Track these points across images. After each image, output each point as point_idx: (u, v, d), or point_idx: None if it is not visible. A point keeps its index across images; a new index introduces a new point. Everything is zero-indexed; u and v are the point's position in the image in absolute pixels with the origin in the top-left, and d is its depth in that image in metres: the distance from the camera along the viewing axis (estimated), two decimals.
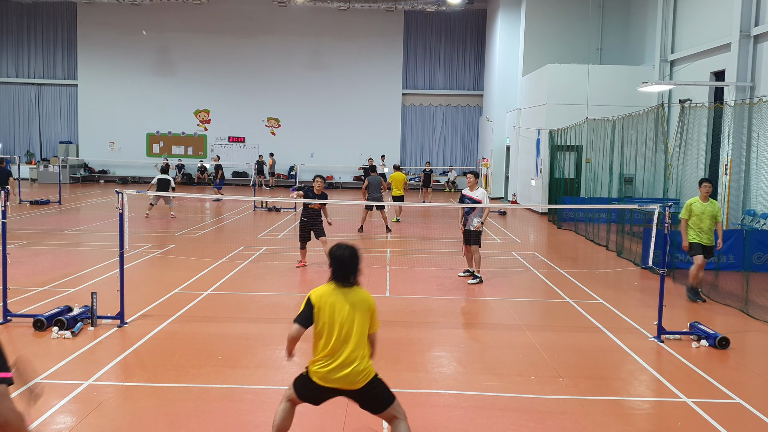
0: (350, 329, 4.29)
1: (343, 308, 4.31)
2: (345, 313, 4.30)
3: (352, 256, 4.40)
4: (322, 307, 4.33)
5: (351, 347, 4.28)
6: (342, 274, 4.38)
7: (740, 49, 16.11)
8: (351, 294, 4.36)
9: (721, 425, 5.37)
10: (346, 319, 4.29)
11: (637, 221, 14.49)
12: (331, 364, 4.27)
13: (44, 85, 34.03)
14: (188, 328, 7.86)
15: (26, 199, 21.78)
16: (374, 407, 4.40)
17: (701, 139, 14.78)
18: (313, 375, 4.35)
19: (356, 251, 4.46)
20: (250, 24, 33.08)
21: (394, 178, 18.18)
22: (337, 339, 4.28)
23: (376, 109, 33.71)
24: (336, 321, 4.29)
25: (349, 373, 4.26)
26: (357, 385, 4.30)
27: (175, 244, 14.03)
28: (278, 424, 4.52)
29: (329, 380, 4.30)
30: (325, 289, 4.40)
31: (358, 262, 4.43)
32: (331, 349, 4.28)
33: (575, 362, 6.96)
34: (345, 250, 4.41)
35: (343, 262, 4.37)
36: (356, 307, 4.32)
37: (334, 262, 4.40)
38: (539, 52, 25.11)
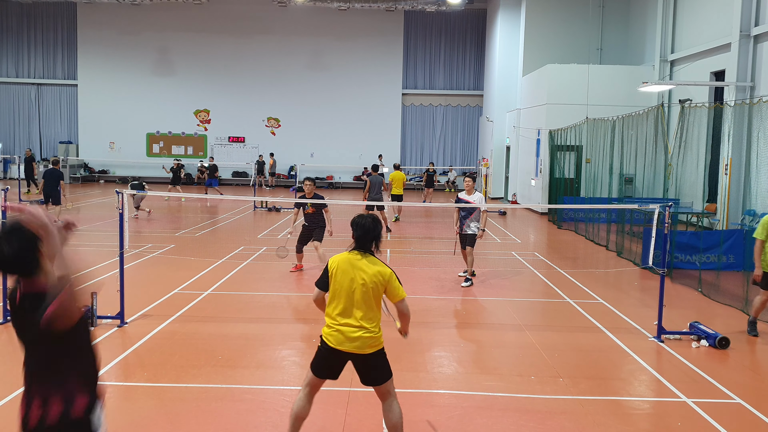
0: (360, 297, 4.40)
1: (356, 274, 4.42)
2: (357, 279, 4.42)
3: (375, 223, 4.55)
4: (337, 271, 4.47)
5: (361, 313, 4.40)
6: (362, 241, 4.51)
7: (740, 49, 16.12)
8: (366, 262, 4.47)
9: (721, 425, 5.37)
10: (357, 285, 4.41)
11: (637, 221, 14.49)
12: (343, 326, 4.40)
13: (44, 85, 34.03)
14: (188, 328, 7.87)
15: (26, 200, 21.77)
16: (374, 379, 4.53)
17: (701, 139, 14.76)
18: (328, 338, 4.46)
19: (377, 219, 4.61)
20: (250, 24, 33.08)
21: (394, 177, 18.17)
22: (347, 302, 4.42)
23: (376, 109, 33.71)
24: (347, 285, 4.42)
25: (360, 337, 4.39)
26: (366, 350, 4.42)
27: (175, 244, 14.03)
28: (295, 411, 4.60)
29: (341, 341, 4.40)
30: (343, 256, 4.54)
31: (378, 232, 4.55)
32: (342, 310, 4.42)
33: (575, 362, 6.96)
34: (367, 218, 4.56)
35: (365, 228, 4.50)
36: (369, 276, 4.41)
37: (355, 228, 4.52)
38: (539, 52, 25.11)
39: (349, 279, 4.43)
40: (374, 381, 4.53)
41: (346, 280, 4.43)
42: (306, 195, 10.96)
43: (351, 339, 4.39)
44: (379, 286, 4.44)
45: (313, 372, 4.58)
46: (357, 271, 4.44)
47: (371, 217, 4.58)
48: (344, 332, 4.39)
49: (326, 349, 4.47)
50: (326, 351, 4.48)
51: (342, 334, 4.40)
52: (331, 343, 4.44)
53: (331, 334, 4.44)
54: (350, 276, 4.43)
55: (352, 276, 4.43)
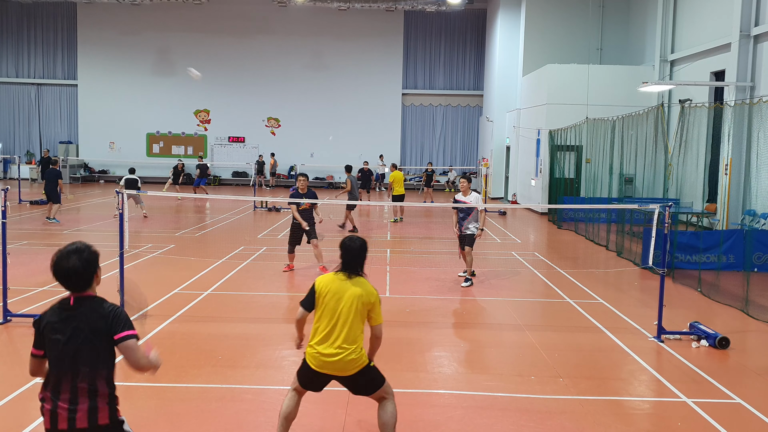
0: (346, 318, 4.41)
1: (342, 297, 4.44)
2: (343, 301, 4.43)
3: (361, 248, 4.57)
4: (324, 293, 4.49)
5: (344, 335, 4.40)
6: (349, 263, 4.54)
7: (740, 49, 16.12)
8: (354, 284, 4.48)
9: (721, 425, 5.37)
10: (343, 308, 4.42)
11: (637, 221, 14.49)
12: (324, 350, 4.41)
13: (44, 85, 34.03)
14: (188, 328, 7.87)
15: (26, 199, 21.78)
16: (365, 391, 4.59)
17: (701, 139, 14.77)
18: (309, 359, 4.49)
19: (365, 244, 4.63)
20: (250, 24, 33.08)
21: (395, 177, 18.16)
22: (332, 325, 4.42)
23: (376, 109, 33.71)
24: (333, 308, 4.43)
25: (340, 361, 4.39)
26: (348, 372, 4.45)
27: (175, 244, 14.03)
28: (284, 412, 4.63)
29: (322, 365, 4.43)
30: (331, 277, 4.56)
31: (365, 255, 4.59)
32: (325, 334, 4.43)
33: (575, 362, 6.96)
34: (355, 241, 4.59)
35: (352, 252, 4.54)
36: (355, 298, 4.43)
37: (343, 251, 4.56)
38: (539, 52, 25.10)
39: (337, 300, 4.44)
40: (364, 393, 4.60)
41: (333, 301, 4.44)
42: (300, 190, 11.10)
43: (332, 363, 4.41)
44: (365, 308, 4.47)
45: (297, 379, 4.63)
46: (346, 293, 4.44)
47: (359, 241, 4.60)
48: (325, 356, 4.40)
49: (309, 369, 4.50)
50: (309, 371, 4.51)
51: (323, 358, 4.41)
52: (313, 365, 4.46)
53: (314, 357, 4.45)
54: (338, 297, 4.44)
55: (341, 297, 4.44)
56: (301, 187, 11.12)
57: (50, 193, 16.76)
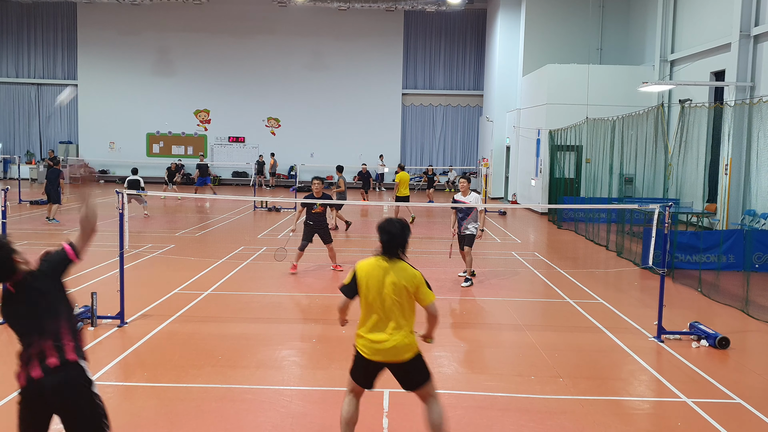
0: (393, 302, 4.30)
1: (386, 282, 4.31)
2: (387, 286, 4.30)
3: (402, 229, 4.41)
4: (367, 279, 4.35)
5: (395, 320, 4.31)
6: (390, 246, 4.37)
7: (740, 49, 16.12)
8: (396, 268, 4.35)
9: (721, 425, 5.36)
10: (388, 293, 4.30)
11: (637, 221, 14.49)
12: (375, 336, 4.31)
13: (44, 85, 34.03)
14: (188, 328, 7.87)
15: (26, 199, 21.78)
16: (412, 383, 4.46)
17: (701, 139, 14.76)
18: (361, 348, 4.38)
19: (407, 226, 4.48)
20: (250, 24, 33.08)
21: (401, 178, 18.16)
22: (379, 312, 4.31)
23: (376, 109, 33.71)
24: (378, 294, 4.31)
25: (394, 346, 4.29)
26: (402, 357, 4.34)
27: (175, 244, 14.03)
28: (345, 418, 4.53)
29: (375, 352, 4.32)
30: (371, 262, 4.41)
31: (407, 237, 4.43)
32: (374, 321, 4.32)
33: (575, 362, 6.96)
34: (395, 223, 4.43)
35: (393, 235, 4.37)
36: (400, 281, 4.31)
37: (383, 234, 4.39)
38: (539, 52, 25.10)
39: (380, 285, 4.32)
40: (414, 385, 4.47)
41: (377, 286, 4.32)
42: (315, 194, 11.16)
43: (385, 349, 4.30)
44: (410, 291, 4.34)
45: (351, 377, 4.54)
46: (387, 277, 4.32)
47: (399, 222, 4.45)
48: (378, 342, 4.31)
49: (361, 359, 4.41)
50: (361, 361, 4.41)
51: (375, 345, 4.31)
52: (365, 353, 4.36)
53: (366, 345, 4.36)
54: (380, 282, 4.32)
55: (383, 282, 4.32)
56: (315, 191, 11.19)
57: (51, 193, 16.80)
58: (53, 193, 16.77)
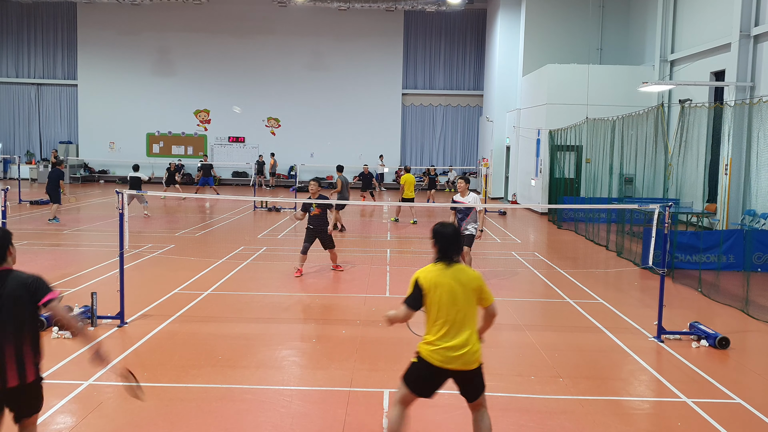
0: (463, 308, 4.23)
1: (454, 288, 4.23)
2: (454, 292, 4.22)
3: (456, 233, 4.35)
4: (433, 288, 4.25)
5: (467, 327, 4.23)
6: (447, 251, 4.31)
7: (740, 49, 16.12)
8: (457, 273, 4.28)
9: (721, 425, 5.37)
10: (457, 299, 4.22)
11: (637, 221, 14.49)
12: (448, 343, 4.19)
13: (44, 85, 34.02)
14: (188, 328, 7.87)
15: (26, 199, 21.78)
16: (474, 393, 4.36)
17: (701, 139, 14.77)
18: (431, 357, 4.24)
19: (458, 229, 4.44)
20: (250, 24, 33.07)
21: (407, 180, 18.16)
22: (451, 319, 4.21)
23: (376, 109, 33.71)
24: (448, 301, 4.21)
25: (467, 352, 4.20)
26: (473, 365, 4.25)
27: (175, 244, 14.03)
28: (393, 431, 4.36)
29: (449, 360, 4.19)
30: (432, 270, 4.31)
31: (460, 241, 4.39)
32: (447, 329, 4.20)
33: (575, 362, 6.96)
34: (448, 227, 4.36)
35: (448, 239, 4.31)
36: (465, 286, 4.25)
37: (439, 239, 4.33)
38: (539, 52, 25.10)
39: (451, 291, 4.22)
40: (475, 395, 4.37)
41: (448, 293, 4.22)
42: (311, 196, 10.99)
43: (459, 356, 4.19)
44: (476, 293, 4.28)
45: (410, 389, 4.34)
46: (455, 282, 4.24)
47: (452, 227, 4.38)
48: (450, 350, 4.18)
49: (428, 367, 4.24)
50: (428, 370, 4.25)
51: (448, 352, 4.19)
52: (435, 362, 4.21)
53: (437, 353, 4.21)
54: (451, 288, 4.22)
55: (452, 288, 4.23)
56: (312, 192, 10.98)
57: (51, 193, 16.90)
58: (53, 194, 16.84)
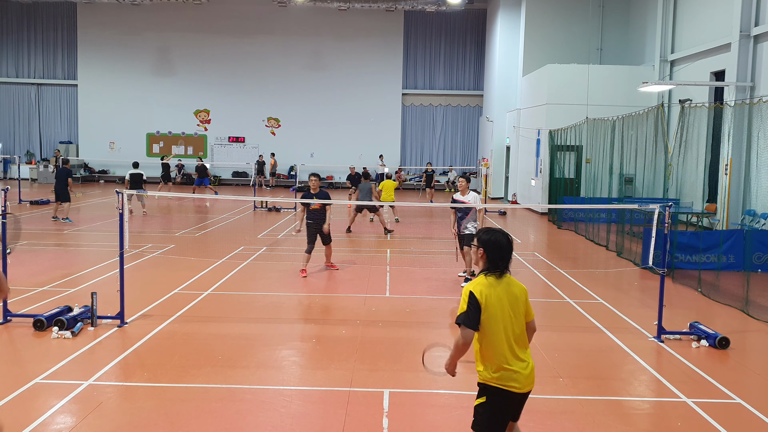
0: (516, 323, 3.94)
1: (507, 301, 3.92)
2: (510, 306, 3.92)
3: (509, 242, 4.02)
4: (488, 301, 3.88)
5: (524, 343, 3.97)
6: (500, 261, 3.96)
7: (740, 49, 16.12)
8: (510, 284, 3.98)
9: (721, 425, 5.37)
10: (513, 314, 3.92)
11: (637, 221, 14.49)
12: (518, 365, 3.89)
13: (44, 85, 34.02)
14: (188, 328, 7.86)
15: (26, 199, 21.77)
16: (519, 412, 4.07)
17: (701, 139, 14.78)
18: (508, 383, 3.86)
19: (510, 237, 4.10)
20: (250, 24, 33.08)
21: (385, 186, 18.14)
22: (514, 335, 3.91)
23: (376, 109, 33.71)
24: (504, 317, 3.89)
25: (532, 371, 3.95)
26: (533, 384, 3.99)
27: (175, 244, 14.03)
28: None
29: (525, 382, 3.90)
30: (487, 283, 3.93)
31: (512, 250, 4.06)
32: (510, 348, 3.89)
33: (575, 362, 6.96)
34: (501, 235, 4.01)
35: (503, 248, 3.96)
36: (517, 297, 3.97)
37: (492, 248, 3.96)
38: (539, 52, 25.10)
39: (509, 307, 3.91)
40: (516, 416, 4.07)
41: (500, 309, 3.88)
42: (312, 190, 11.04)
43: (527, 375, 3.90)
44: (526, 304, 4.01)
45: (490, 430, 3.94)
46: (510, 297, 3.93)
47: (503, 234, 4.02)
48: (522, 370, 3.88)
49: (504, 398, 3.88)
50: (505, 401, 3.89)
51: (522, 373, 3.87)
52: (516, 388, 3.86)
53: (513, 378, 3.86)
54: (508, 304, 3.91)
55: (508, 303, 3.91)
56: (312, 187, 11.02)
57: (60, 192, 16.98)
58: (63, 193, 16.94)
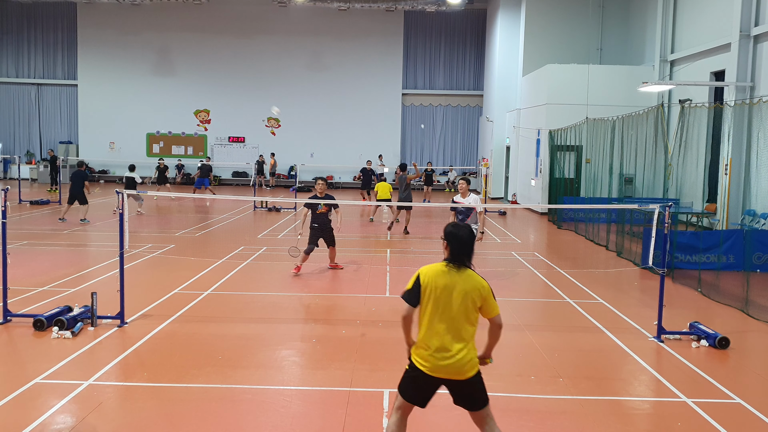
0: (461, 313, 4.03)
1: (454, 291, 4.03)
2: (455, 296, 4.02)
3: (470, 236, 4.15)
4: (432, 285, 4.05)
5: (459, 333, 4.04)
6: (459, 254, 4.11)
7: (740, 49, 16.12)
8: (464, 276, 4.07)
9: (721, 425, 5.36)
10: (455, 304, 4.02)
11: (637, 221, 14.49)
12: (438, 351, 4.02)
13: (44, 85, 34.03)
14: (188, 328, 7.86)
15: (26, 200, 21.78)
16: (472, 403, 4.17)
17: (701, 139, 14.78)
18: (420, 363, 4.09)
19: (473, 232, 4.25)
20: (250, 24, 33.08)
21: (380, 187, 18.08)
22: (445, 323, 4.03)
23: (376, 109, 33.72)
24: (445, 303, 4.03)
25: (458, 361, 4.02)
26: (464, 375, 4.05)
27: (175, 244, 14.03)
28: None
29: (437, 368, 4.03)
30: (437, 269, 4.11)
31: (473, 244, 4.20)
32: (438, 333, 4.03)
33: (575, 362, 6.96)
34: (463, 229, 4.17)
35: (462, 241, 4.10)
36: (467, 291, 4.04)
37: (452, 240, 4.13)
38: (539, 52, 25.11)
39: (448, 294, 4.02)
40: (471, 406, 4.17)
41: (444, 295, 4.02)
42: (318, 194, 11.06)
43: (448, 364, 4.01)
44: (477, 302, 4.07)
45: (403, 397, 4.20)
46: (456, 286, 4.04)
47: (467, 228, 4.18)
48: (442, 356, 4.01)
49: (418, 375, 4.09)
50: (418, 377, 4.09)
51: (439, 359, 4.02)
52: (425, 368, 4.05)
53: (427, 359, 4.04)
54: (449, 290, 4.03)
55: (450, 291, 4.03)
56: (319, 191, 11.06)
57: (77, 194, 17.18)
58: (80, 195, 17.16)
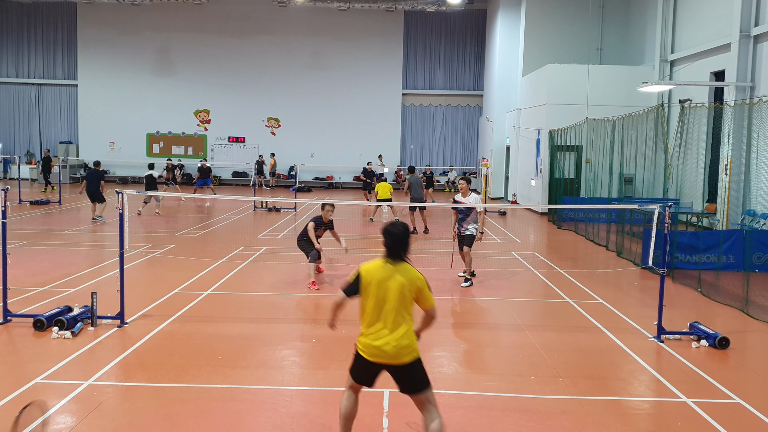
0: (395, 305, 4.39)
1: (391, 283, 4.41)
2: (391, 288, 4.40)
3: (405, 233, 4.54)
4: (370, 280, 4.44)
5: (394, 323, 4.38)
6: (394, 249, 4.50)
7: (740, 49, 16.12)
8: (400, 269, 4.46)
9: (721, 425, 5.36)
10: (391, 295, 4.40)
11: (637, 221, 14.49)
12: (377, 338, 4.39)
13: (44, 85, 34.04)
14: (188, 328, 7.86)
15: (26, 199, 21.78)
16: (411, 387, 4.48)
17: (701, 139, 14.77)
18: (361, 349, 4.46)
19: (408, 229, 4.62)
20: (251, 24, 33.08)
21: (381, 187, 18.06)
22: (382, 314, 4.40)
23: (376, 109, 33.72)
24: (381, 296, 4.41)
25: (393, 348, 4.36)
26: (402, 359, 4.39)
27: (175, 244, 14.03)
28: (344, 413, 4.60)
29: (376, 354, 4.39)
30: (376, 264, 4.52)
31: (409, 240, 4.58)
32: (377, 322, 4.40)
33: (575, 362, 6.96)
34: (398, 226, 4.55)
35: (396, 238, 4.50)
36: (402, 284, 4.42)
37: (387, 237, 4.52)
38: (539, 52, 25.11)
39: (385, 286, 4.41)
40: (413, 389, 4.49)
41: (381, 288, 4.42)
42: (323, 219, 10.52)
43: (385, 351, 4.37)
44: (413, 294, 4.46)
45: (351, 375, 4.60)
46: (392, 279, 4.42)
47: (402, 226, 4.57)
48: (379, 343, 4.38)
49: (361, 360, 4.47)
50: (361, 362, 4.48)
51: (376, 346, 4.38)
52: (365, 355, 4.43)
53: (366, 346, 4.43)
54: (386, 283, 4.42)
55: (388, 283, 4.42)
56: (325, 217, 10.49)
57: (94, 194, 17.44)
58: (98, 194, 17.43)
